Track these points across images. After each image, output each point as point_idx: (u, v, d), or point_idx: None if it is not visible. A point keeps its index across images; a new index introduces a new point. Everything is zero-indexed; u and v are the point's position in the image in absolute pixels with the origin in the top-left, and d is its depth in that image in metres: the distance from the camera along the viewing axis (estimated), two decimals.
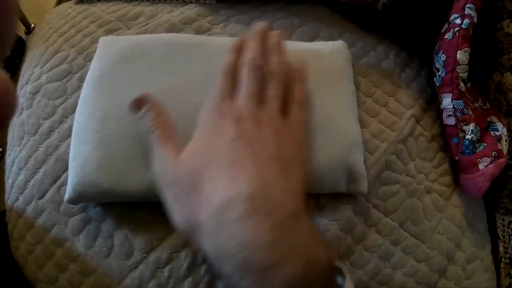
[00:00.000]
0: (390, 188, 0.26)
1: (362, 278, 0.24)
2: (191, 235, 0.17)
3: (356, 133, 0.23)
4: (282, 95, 0.19)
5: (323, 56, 0.25)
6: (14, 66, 0.42)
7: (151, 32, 0.27)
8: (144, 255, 0.22)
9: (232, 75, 0.20)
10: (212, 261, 0.16)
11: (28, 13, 0.41)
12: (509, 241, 0.34)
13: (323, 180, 0.22)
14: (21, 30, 0.42)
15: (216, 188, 0.15)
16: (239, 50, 0.21)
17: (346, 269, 0.16)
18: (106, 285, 0.23)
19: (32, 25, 0.42)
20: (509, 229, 0.34)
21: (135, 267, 0.22)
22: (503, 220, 0.34)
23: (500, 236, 0.34)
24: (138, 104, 0.19)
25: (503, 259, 0.34)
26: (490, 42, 0.35)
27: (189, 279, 0.22)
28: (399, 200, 0.26)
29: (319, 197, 0.23)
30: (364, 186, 0.22)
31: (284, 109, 0.19)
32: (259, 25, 0.22)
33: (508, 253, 0.34)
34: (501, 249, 0.34)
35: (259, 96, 0.19)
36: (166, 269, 0.22)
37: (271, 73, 0.19)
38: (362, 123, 0.26)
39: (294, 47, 0.25)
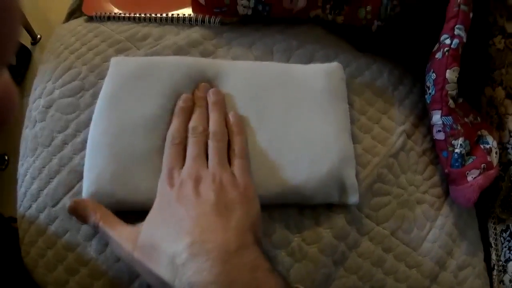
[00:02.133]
0: (382, 199, 0.29)
1: (356, 283, 0.28)
2: None
3: (348, 148, 0.27)
4: (222, 149, 0.24)
5: (318, 77, 0.28)
6: (19, 75, 0.46)
7: (159, 53, 0.31)
8: None
9: (178, 143, 0.25)
10: None
11: (34, 24, 0.45)
12: (502, 249, 0.37)
13: (317, 192, 0.26)
14: (27, 41, 0.46)
15: (167, 245, 0.20)
16: (181, 114, 0.26)
17: None
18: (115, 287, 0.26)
19: (38, 36, 0.46)
20: (501, 238, 0.37)
21: None
22: (495, 229, 0.38)
23: (493, 244, 0.38)
24: (73, 211, 0.24)
25: (495, 267, 0.37)
26: (482, 58, 0.39)
27: None
28: (391, 210, 0.30)
29: (315, 208, 0.27)
30: (355, 198, 0.26)
31: (230, 158, 0.24)
32: (198, 90, 0.27)
33: (500, 260, 0.37)
34: (493, 257, 0.37)
35: (202, 157, 0.24)
36: None
37: (210, 134, 0.25)
38: (355, 139, 0.29)
39: (292, 69, 0.29)
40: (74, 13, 0.37)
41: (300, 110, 0.27)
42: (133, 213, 0.26)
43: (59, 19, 0.39)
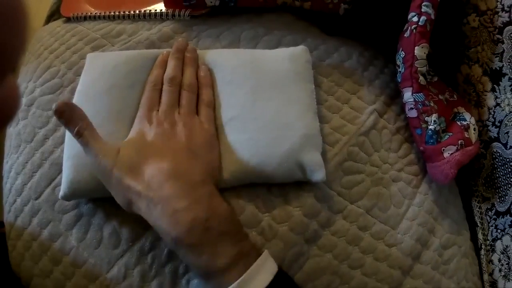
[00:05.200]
0: (354, 177, 0.30)
1: (332, 261, 0.28)
2: (129, 207, 0.24)
3: (312, 127, 0.28)
4: (193, 100, 0.28)
5: (283, 60, 0.29)
6: None
7: (133, 49, 0.33)
8: (129, 244, 0.27)
9: (158, 88, 0.28)
10: (145, 217, 0.23)
11: None
12: (488, 228, 0.37)
13: (279, 170, 0.26)
14: None
15: (146, 166, 0.24)
16: (163, 65, 0.30)
17: (266, 251, 0.24)
18: (96, 274, 0.27)
19: None
20: (487, 216, 0.38)
21: (122, 256, 0.27)
22: (480, 207, 0.38)
23: (478, 224, 0.38)
24: (60, 113, 0.24)
25: (483, 246, 0.37)
26: (456, 37, 0.39)
27: (169, 265, 0.27)
28: (364, 188, 0.30)
29: (284, 186, 0.28)
30: (321, 175, 0.26)
31: (197, 110, 0.28)
32: (177, 43, 0.31)
33: (488, 240, 0.37)
34: (480, 236, 0.37)
35: (175, 105, 0.28)
36: (149, 256, 0.27)
37: (184, 85, 0.29)
38: (323, 119, 0.30)
39: (257, 54, 0.30)
40: (53, 15, 0.39)
41: (263, 92, 0.28)
42: (112, 200, 0.27)
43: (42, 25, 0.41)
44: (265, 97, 0.28)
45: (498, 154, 0.36)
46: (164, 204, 0.22)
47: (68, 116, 0.24)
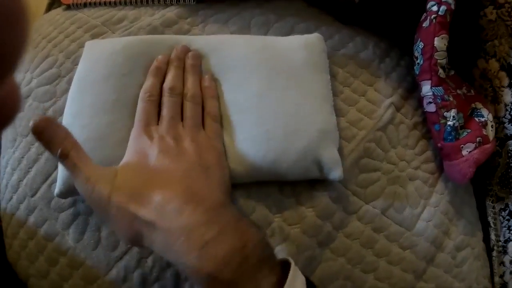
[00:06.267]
0: (370, 175, 0.26)
1: (345, 265, 0.25)
2: (136, 241, 0.19)
3: (329, 121, 0.24)
4: (198, 112, 0.24)
5: (296, 48, 0.26)
6: None
7: (134, 35, 0.29)
8: (129, 245, 0.24)
9: (154, 100, 0.23)
10: (161, 253, 0.19)
11: None
12: (501, 228, 0.34)
13: (295, 167, 0.23)
14: None
15: (154, 191, 0.19)
16: (157, 73, 0.25)
17: (292, 261, 0.19)
18: (94, 276, 0.24)
19: None
20: (500, 217, 0.34)
21: (121, 258, 0.24)
22: (493, 207, 0.34)
23: (492, 224, 0.34)
24: (38, 129, 0.18)
25: (495, 247, 0.34)
26: (473, 30, 0.35)
27: (171, 268, 0.23)
28: (380, 187, 0.27)
29: (296, 185, 0.24)
30: (338, 173, 0.23)
31: (202, 122, 0.24)
32: (177, 51, 0.25)
33: (500, 241, 0.34)
34: (492, 237, 0.34)
35: (178, 117, 0.23)
36: (150, 259, 0.23)
37: (186, 96, 0.24)
38: (339, 112, 0.26)
39: (270, 41, 0.27)
40: (54, 3, 0.35)
41: (278, 82, 0.24)
42: None
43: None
44: (280, 87, 0.24)
45: None
46: (188, 235, 0.17)
47: (49, 135, 0.18)
